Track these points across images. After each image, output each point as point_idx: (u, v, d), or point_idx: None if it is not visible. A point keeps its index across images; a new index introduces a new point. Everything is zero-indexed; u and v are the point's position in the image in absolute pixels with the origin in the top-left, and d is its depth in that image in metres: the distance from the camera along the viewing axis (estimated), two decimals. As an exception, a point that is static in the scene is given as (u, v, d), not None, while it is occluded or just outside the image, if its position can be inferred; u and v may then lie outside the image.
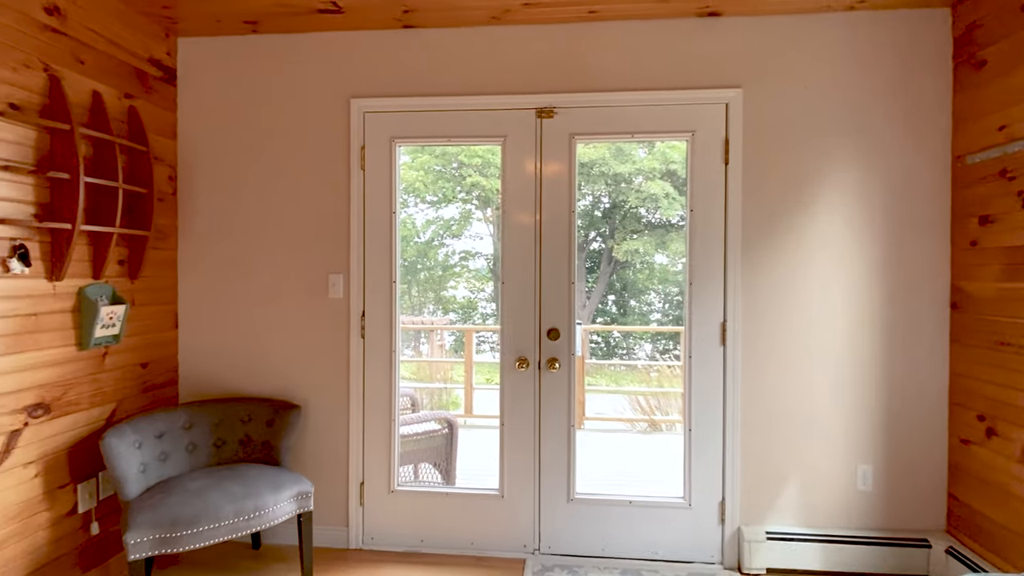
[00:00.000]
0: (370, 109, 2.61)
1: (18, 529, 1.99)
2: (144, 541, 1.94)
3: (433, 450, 3.22)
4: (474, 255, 12.31)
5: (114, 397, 2.41)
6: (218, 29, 2.64)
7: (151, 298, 2.60)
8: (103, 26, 2.32)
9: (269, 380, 2.70)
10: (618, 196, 10.42)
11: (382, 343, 2.63)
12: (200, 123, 2.73)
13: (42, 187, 2.07)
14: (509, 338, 2.57)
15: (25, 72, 2.00)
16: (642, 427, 5.01)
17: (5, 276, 1.94)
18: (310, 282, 2.67)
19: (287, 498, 2.21)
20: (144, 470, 2.23)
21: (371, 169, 2.62)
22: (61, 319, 2.15)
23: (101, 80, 2.31)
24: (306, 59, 2.66)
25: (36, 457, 2.06)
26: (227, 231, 2.72)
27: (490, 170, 11.46)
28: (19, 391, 1.99)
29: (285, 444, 2.48)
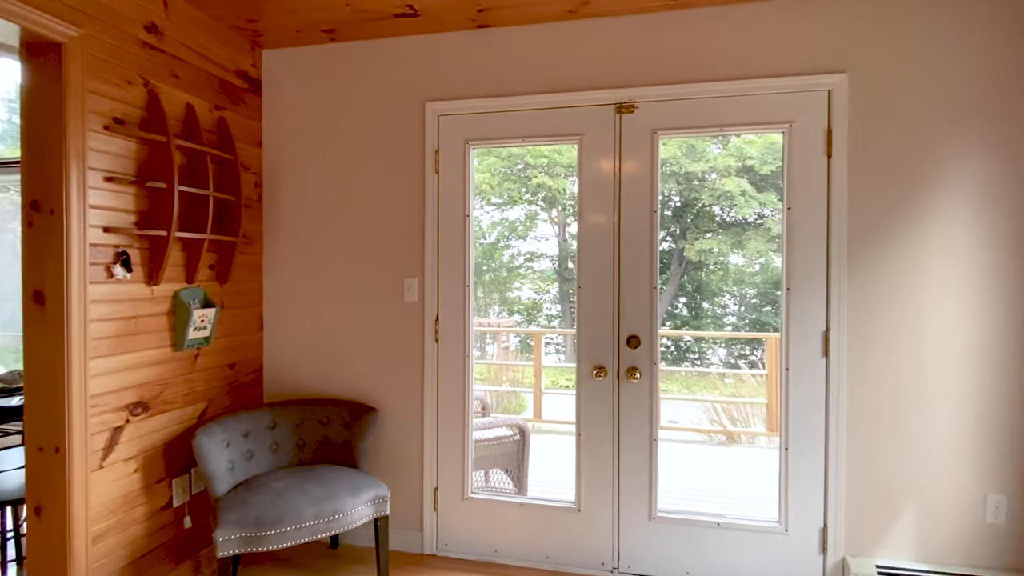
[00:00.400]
0: (444, 112, 2.59)
1: (119, 521, 2.10)
2: (232, 539, 1.99)
3: (504, 456, 3.16)
4: (539, 256, 12.25)
5: (205, 396, 2.51)
6: (299, 39, 2.70)
7: (238, 301, 2.69)
8: (195, 41, 2.42)
9: (346, 382, 2.74)
10: (690, 194, 10.02)
11: (456, 347, 2.60)
12: (283, 131, 2.81)
13: (141, 196, 2.18)
14: (585, 345, 2.46)
15: (127, 88, 2.11)
16: (719, 439, 4.75)
17: (109, 281, 2.05)
18: (386, 286, 2.68)
19: (365, 502, 2.22)
20: (232, 468, 2.31)
21: (445, 172, 2.60)
22: (158, 322, 2.26)
23: (193, 93, 2.42)
24: (382, 65, 2.67)
25: (135, 453, 2.17)
26: (307, 235, 2.78)
27: (556, 170, 11.35)
28: (121, 390, 2.10)
29: (362, 447, 2.50)
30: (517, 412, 5.60)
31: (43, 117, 1.90)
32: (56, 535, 1.93)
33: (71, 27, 1.88)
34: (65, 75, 1.89)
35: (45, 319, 1.92)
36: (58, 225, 1.90)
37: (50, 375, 1.93)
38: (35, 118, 1.91)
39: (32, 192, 1.92)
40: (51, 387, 1.93)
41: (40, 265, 1.92)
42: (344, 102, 2.73)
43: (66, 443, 1.92)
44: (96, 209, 1.99)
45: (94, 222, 1.98)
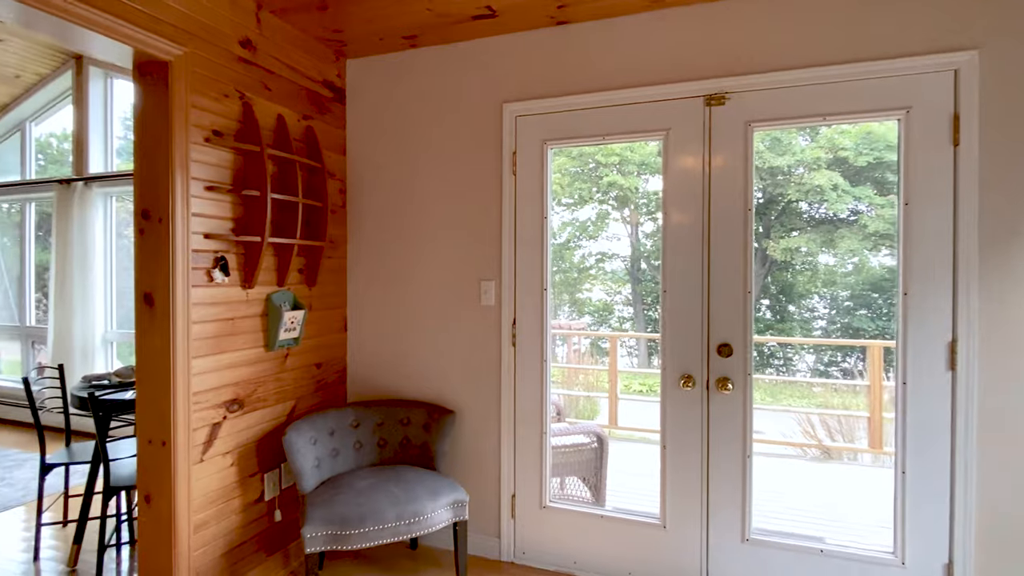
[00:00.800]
0: (522, 113, 2.55)
1: (217, 512, 2.21)
2: (318, 536, 2.04)
3: (582, 464, 3.08)
4: (610, 257, 11.99)
5: (293, 395, 2.61)
6: (381, 47, 2.75)
7: (324, 303, 2.78)
8: (286, 54, 2.52)
9: (425, 384, 2.76)
10: (774, 190, 9.44)
11: (532, 351, 2.54)
12: (365, 138, 2.88)
13: (237, 204, 2.29)
14: (671, 353, 2.33)
15: (225, 101, 2.22)
16: (813, 453, 4.40)
17: (209, 285, 2.16)
18: (463, 289, 2.68)
19: (444, 505, 2.21)
20: (318, 465, 2.38)
21: (522, 173, 2.55)
22: (252, 323, 2.37)
23: (284, 104, 2.52)
24: (459, 69, 2.67)
25: (232, 448, 2.28)
26: (387, 239, 2.83)
27: (628, 168, 11.07)
28: (219, 387, 2.22)
29: (441, 449, 2.50)
30: (590, 417, 5.48)
31: (152, 131, 2.04)
32: (163, 522, 2.06)
33: (176, 46, 2.00)
34: (171, 91, 2.01)
35: (154, 320, 2.06)
36: (165, 232, 2.03)
37: (158, 372, 2.06)
38: (145, 132, 2.05)
39: (143, 202, 2.06)
40: (159, 384, 2.06)
41: (150, 269, 2.06)
42: (422, 107, 2.75)
43: (172, 437, 2.04)
44: (198, 217, 2.11)
45: (196, 229, 2.10)
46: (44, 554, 2.68)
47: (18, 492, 3.42)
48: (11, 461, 3.98)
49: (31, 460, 3.99)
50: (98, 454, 2.46)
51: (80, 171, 4.75)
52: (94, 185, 4.58)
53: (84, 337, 4.56)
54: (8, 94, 5.03)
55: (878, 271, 9.22)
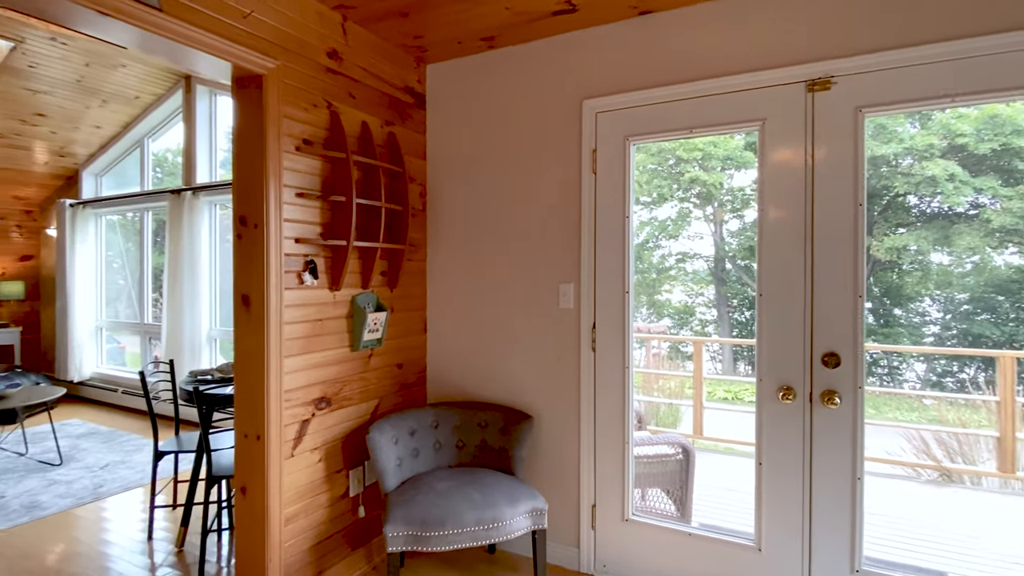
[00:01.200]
0: (602, 109, 2.46)
1: (306, 506, 2.30)
2: (399, 536, 2.07)
3: (665, 476, 2.93)
4: (692, 257, 11.50)
5: (376, 394, 2.68)
6: (459, 51, 2.76)
7: (405, 305, 2.84)
8: (369, 63, 2.59)
9: (503, 388, 2.74)
10: (878, 182, 8.64)
11: (613, 356, 2.45)
12: (444, 142, 2.90)
13: (325, 209, 2.37)
14: (768, 361, 2.15)
15: (313, 111, 2.31)
16: (929, 475, 3.95)
17: (300, 287, 2.26)
18: (541, 292, 2.63)
19: (522, 513, 2.17)
20: (400, 464, 2.42)
21: (603, 171, 2.47)
22: (338, 324, 2.45)
23: (367, 111, 2.59)
24: (537, 67, 2.63)
25: (319, 444, 2.36)
26: (465, 241, 2.84)
27: (711, 163, 10.57)
28: (309, 386, 2.31)
29: (519, 454, 2.46)
30: (672, 425, 5.26)
31: (248, 142, 2.16)
32: (257, 513, 2.16)
33: (269, 59, 2.10)
34: (265, 103, 2.11)
35: (250, 320, 2.17)
36: (260, 237, 2.13)
37: (254, 370, 2.17)
38: (242, 143, 2.17)
39: (240, 208, 2.18)
40: (254, 381, 2.17)
41: (246, 272, 2.18)
42: (500, 108, 2.73)
43: (265, 432, 2.14)
44: (289, 222, 2.20)
45: (288, 234, 2.20)
46: (157, 534, 2.92)
47: (137, 475, 3.77)
48: (132, 446, 4.41)
49: (148, 446, 4.40)
50: (202, 444, 2.64)
51: (189, 181, 5.19)
52: (201, 194, 4.98)
53: (192, 334, 4.97)
54: (129, 114, 5.59)
55: (1004, 271, 8.20)
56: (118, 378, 5.81)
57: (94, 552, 2.73)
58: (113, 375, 5.89)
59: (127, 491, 3.50)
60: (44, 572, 2.55)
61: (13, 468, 3.87)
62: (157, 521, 3.07)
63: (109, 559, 2.67)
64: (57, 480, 3.66)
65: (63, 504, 3.27)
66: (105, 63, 4.73)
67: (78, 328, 5.96)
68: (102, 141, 5.86)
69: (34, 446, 4.36)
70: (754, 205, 10.40)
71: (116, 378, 5.82)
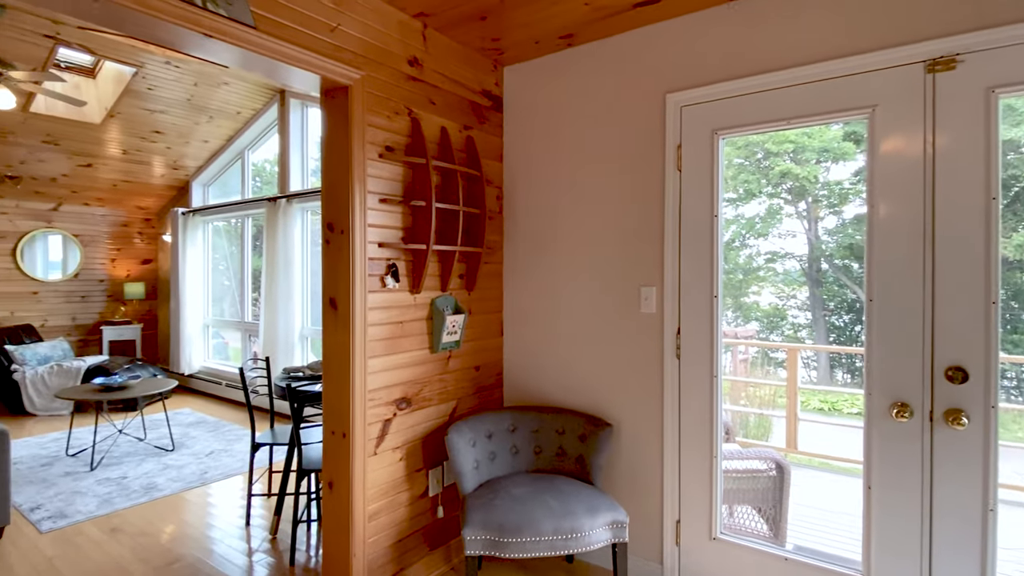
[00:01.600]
0: (687, 102, 2.33)
1: (388, 503, 2.36)
2: (477, 540, 2.06)
3: (756, 493, 2.74)
4: (782, 256, 10.78)
5: (454, 396, 2.70)
6: (537, 51, 2.73)
7: (482, 308, 2.85)
8: (448, 68, 2.62)
9: (580, 394, 2.67)
10: (1004, 171, 7.67)
11: (700, 364, 2.31)
12: (521, 143, 2.88)
13: (406, 214, 2.42)
14: (879, 374, 1.94)
15: (395, 118, 2.36)
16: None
17: (382, 290, 2.32)
18: (621, 295, 2.54)
19: (602, 524, 2.10)
20: (477, 467, 2.42)
21: (688, 168, 2.34)
22: (418, 326, 2.49)
23: (446, 116, 2.62)
24: (617, 63, 2.54)
25: (400, 444, 2.42)
26: (542, 243, 2.80)
27: (805, 156, 9.86)
28: (391, 386, 2.37)
29: (597, 462, 2.39)
30: (761, 437, 4.93)
31: (335, 150, 2.24)
32: (342, 508, 2.24)
33: (354, 70, 2.17)
34: (350, 112, 2.19)
35: (337, 322, 2.26)
36: (346, 242, 2.21)
37: (340, 370, 2.26)
38: (330, 151, 2.26)
39: (328, 215, 2.28)
40: (341, 380, 2.25)
41: (334, 276, 2.26)
42: (578, 107, 2.67)
43: (350, 429, 2.22)
44: (373, 227, 2.26)
45: (371, 239, 2.26)
46: (253, 520, 3.12)
47: (237, 463, 4.06)
48: (233, 435, 4.76)
49: (247, 436, 4.73)
50: (293, 439, 2.78)
51: (283, 189, 5.53)
52: (294, 201, 5.30)
53: (286, 332, 5.29)
54: (232, 128, 6.05)
55: None
56: (222, 372, 6.31)
57: (199, 534, 2.96)
58: (218, 369, 6.41)
59: (228, 478, 3.78)
60: (158, 549, 2.79)
61: (134, 452, 4.29)
62: (253, 508, 3.28)
63: (212, 541, 2.88)
64: (170, 464, 4.02)
65: (175, 487, 3.58)
66: (211, 82, 5.15)
67: (188, 325, 6.54)
68: (209, 154, 6.40)
69: (151, 432, 4.82)
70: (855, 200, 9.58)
71: (220, 372, 6.33)
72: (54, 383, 5.41)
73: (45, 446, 4.45)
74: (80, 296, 6.67)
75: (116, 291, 6.97)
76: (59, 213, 6.44)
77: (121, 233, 7.02)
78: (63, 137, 5.32)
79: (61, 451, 4.31)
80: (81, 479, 3.72)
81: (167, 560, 2.69)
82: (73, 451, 4.32)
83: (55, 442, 4.55)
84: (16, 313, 6.17)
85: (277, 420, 5.21)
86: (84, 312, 6.70)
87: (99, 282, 6.84)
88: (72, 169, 5.86)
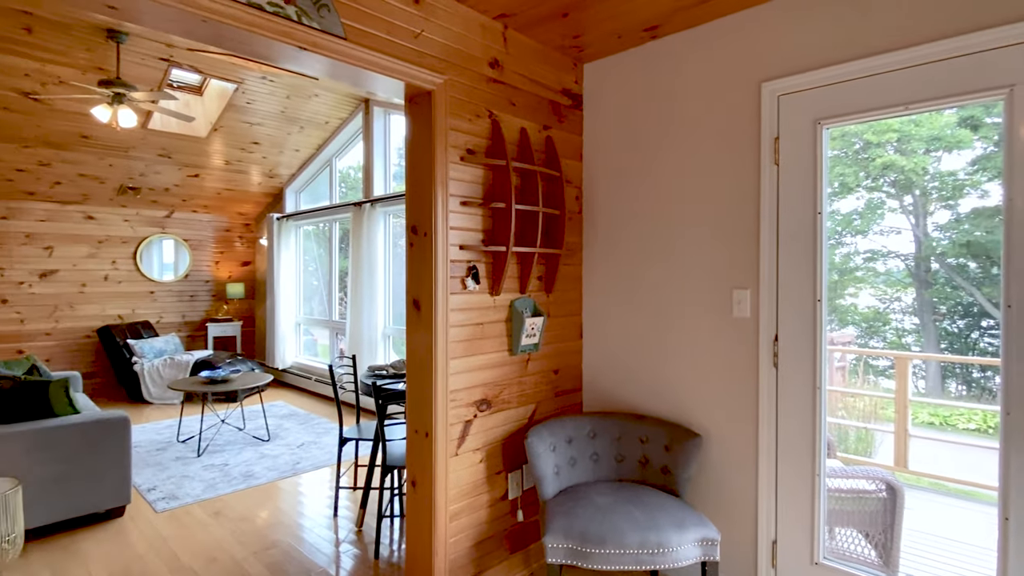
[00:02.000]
0: (786, 91, 2.16)
1: (469, 504, 2.37)
2: (559, 548, 2.02)
3: (863, 516, 2.50)
4: (884, 255, 9.89)
5: (533, 399, 2.67)
6: (620, 45, 2.65)
7: (561, 310, 2.80)
8: (528, 69, 2.60)
9: (665, 401, 2.56)
10: None
11: (801, 374, 2.14)
12: (601, 142, 2.81)
13: (486, 216, 2.42)
14: (1019, 389, 1.70)
15: (476, 121, 2.37)
16: None
17: (463, 292, 2.33)
18: (710, 298, 2.40)
19: (691, 541, 1.99)
20: (557, 472, 2.38)
21: (787, 162, 2.17)
22: (498, 328, 2.48)
23: (526, 117, 2.59)
24: (707, 53, 2.40)
25: (480, 445, 2.42)
26: (624, 244, 2.71)
27: (912, 145, 9.00)
28: (471, 387, 2.37)
29: (684, 474, 2.27)
30: (864, 453, 4.53)
31: (419, 154, 2.28)
32: (425, 507, 2.27)
33: (437, 75, 2.19)
34: (433, 117, 2.21)
35: (420, 323, 2.30)
36: (429, 245, 2.24)
37: (423, 370, 2.29)
38: (413, 156, 2.30)
39: (412, 218, 2.32)
40: (424, 380, 2.29)
41: (417, 278, 2.30)
42: (663, 101, 2.56)
43: (433, 429, 2.25)
44: (454, 230, 2.28)
45: (453, 241, 2.28)
46: (340, 512, 3.26)
47: (325, 455, 4.26)
48: (322, 429, 5.01)
49: (334, 430, 4.96)
50: (378, 435, 2.87)
51: (368, 194, 5.76)
52: (377, 205, 5.50)
53: (369, 330, 5.51)
54: (321, 137, 6.38)
55: None
56: (311, 367, 6.68)
57: (291, 522, 3.12)
58: (308, 364, 6.79)
59: (317, 469, 3.97)
60: (255, 534, 2.97)
61: (235, 441, 4.62)
62: (341, 500, 3.42)
63: (303, 529, 3.03)
64: (266, 454, 4.29)
65: (270, 476, 3.81)
66: (302, 94, 5.46)
67: (282, 323, 6.97)
68: (300, 162, 6.79)
69: (249, 423, 5.17)
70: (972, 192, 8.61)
71: (310, 367, 6.70)
72: (167, 374, 5.95)
73: (160, 432, 4.89)
74: (189, 295, 7.30)
75: (219, 291, 7.57)
76: (171, 220, 7.08)
77: (224, 237, 7.61)
78: (175, 151, 5.83)
79: (173, 437, 4.72)
80: (189, 464, 4.05)
81: (263, 545, 2.85)
82: (183, 438, 4.72)
83: (168, 428, 5.00)
84: (136, 311, 6.84)
85: (362, 416, 5.44)
86: (192, 310, 7.33)
87: (205, 283, 7.45)
88: (182, 179, 6.42)
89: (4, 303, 5.92)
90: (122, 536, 2.95)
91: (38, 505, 2.84)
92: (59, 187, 5.88)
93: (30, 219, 6.03)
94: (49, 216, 6.14)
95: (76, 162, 5.57)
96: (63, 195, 6.05)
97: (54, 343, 6.24)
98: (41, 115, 4.77)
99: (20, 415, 2.95)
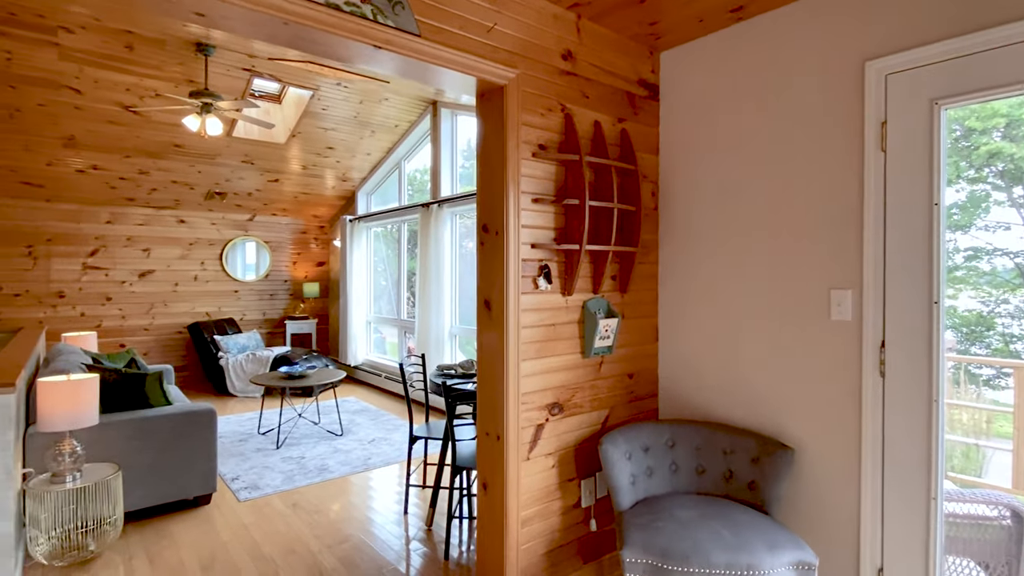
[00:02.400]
0: (895, 68, 1.94)
1: (541, 510, 2.30)
2: (638, 563, 1.91)
3: (983, 545, 2.21)
4: (990, 253, 8.93)
5: (607, 403, 2.57)
6: (701, 29, 2.49)
7: (636, 311, 2.67)
8: (602, 59, 2.49)
9: (751, 410, 2.38)
10: None
11: (914, 386, 1.91)
12: (679, 133, 2.66)
13: (558, 213, 2.34)
14: None
15: (548, 115, 2.29)
16: None
17: (535, 292, 2.26)
18: (804, 299, 2.20)
19: (786, 564, 1.82)
20: (633, 482, 2.26)
21: (896, 148, 1.95)
22: (570, 329, 2.40)
23: (600, 110, 2.49)
24: (799, 31, 2.21)
25: (552, 450, 2.34)
26: (704, 241, 2.55)
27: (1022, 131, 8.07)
28: (543, 390, 2.30)
29: (774, 491, 2.10)
30: (973, 472, 4.07)
31: (490, 151, 2.23)
32: (497, 511, 2.23)
33: (509, 69, 2.14)
34: (504, 112, 2.16)
35: (491, 323, 2.25)
36: (500, 244, 2.19)
37: (495, 372, 2.24)
38: (485, 154, 2.26)
39: (483, 217, 2.27)
40: (495, 382, 2.24)
41: (488, 278, 2.26)
42: (748, 87, 2.38)
43: (504, 432, 2.19)
44: (526, 228, 2.22)
45: (524, 240, 2.21)
46: (410, 510, 3.28)
47: (395, 452, 4.33)
48: (392, 425, 5.10)
49: (404, 427, 5.04)
50: (447, 434, 2.86)
51: (435, 195, 5.83)
52: (444, 206, 5.54)
53: (437, 329, 5.56)
54: (390, 140, 6.52)
55: None
56: (381, 364, 6.84)
57: (363, 516, 3.17)
58: (378, 362, 6.96)
59: (387, 466, 4.03)
60: (328, 527, 3.04)
61: (310, 434, 4.79)
62: (411, 498, 3.44)
63: (373, 525, 3.06)
64: (339, 448, 4.41)
65: (343, 470, 3.91)
66: (373, 99, 5.59)
67: (354, 321, 7.19)
68: (371, 165, 6.98)
69: (324, 417, 5.35)
70: (1100, 180, 7.61)
71: (380, 364, 6.87)
72: (249, 369, 6.27)
73: (242, 424, 5.15)
74: (269, 294, 7.68)
75: (296, 290, 7.92)
76: (253, 223, 7.47)
77: (300, 239, 7.96)
78: (257, 157, 6.14)
79: (254, 429, 4.96)
80: (269, 455, 4.23)
81: (337, 539, 2.91)
82: (263, 430, 4.94)
83: (249, 420, 5.26)
84: (222, 308, 7.28)
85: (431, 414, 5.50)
86: (272, 308, 7.71)
87: (283, 282, 7.81)
88: (263, 184, 6.76)
89: (109, 300, 6.45)
90: (208, 523, 3.10)
91: (135, 490, 3.04)
92: (155, 193, 6.34)
93: (130, 223, 6.54)
94: (146, 220, 6.63)
95: (169, 170, 5.98)
96: (158, 200, 6.52)
97: (151, 338, 6.74)
98: (140, 126, 5.15)
99: (121, 405, 3.17)
